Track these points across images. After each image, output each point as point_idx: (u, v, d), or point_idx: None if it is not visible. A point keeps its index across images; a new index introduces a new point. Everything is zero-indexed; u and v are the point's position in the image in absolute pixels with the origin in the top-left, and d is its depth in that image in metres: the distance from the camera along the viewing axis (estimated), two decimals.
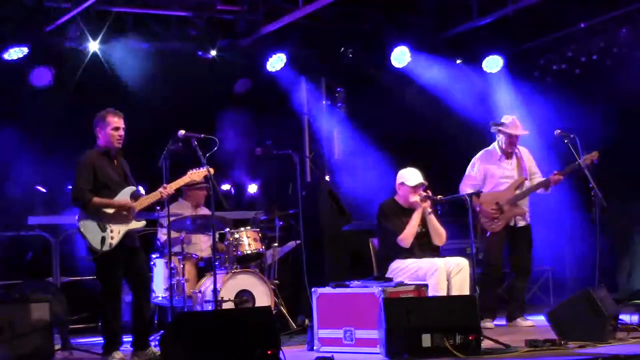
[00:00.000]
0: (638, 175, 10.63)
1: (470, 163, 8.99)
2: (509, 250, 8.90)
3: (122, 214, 7.13)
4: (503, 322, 8.83)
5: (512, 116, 8.91)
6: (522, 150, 9.00)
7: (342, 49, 10.99)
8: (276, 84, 11.22)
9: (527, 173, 8.90)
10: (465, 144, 10.26)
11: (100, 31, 9.85)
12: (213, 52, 10.57)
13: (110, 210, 7.11)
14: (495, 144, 8.96)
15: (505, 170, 8.88)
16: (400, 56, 11.29)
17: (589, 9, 10.60)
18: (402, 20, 11.11)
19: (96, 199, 7.07)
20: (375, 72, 11.63)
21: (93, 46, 9.93)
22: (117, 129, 7.21)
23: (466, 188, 8.79)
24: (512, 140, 8.82)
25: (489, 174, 8.87)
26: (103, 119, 7.24)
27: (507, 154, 8.88)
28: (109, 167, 7.22)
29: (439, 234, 8.24)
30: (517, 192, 8.80)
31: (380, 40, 11.28)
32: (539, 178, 8.92)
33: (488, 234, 8.76)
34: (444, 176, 9.15)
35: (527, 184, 8.87)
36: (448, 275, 7.93)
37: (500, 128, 8.85)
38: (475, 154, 9.03)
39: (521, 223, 8.85)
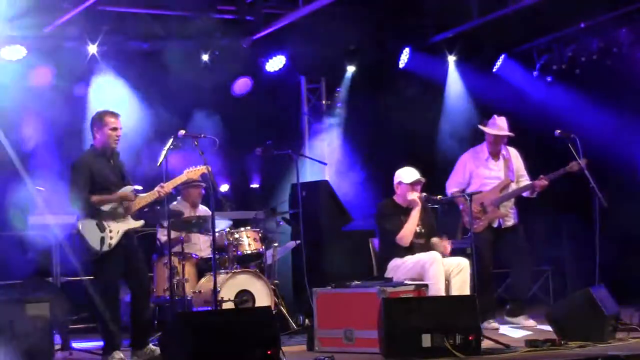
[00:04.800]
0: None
1: (458, 161, 8.99)
2: (502, 251, 8.89)
3: (121, 211, 7.12)
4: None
5: (500, 117, 8.88)
6: (511, 151, 8.98)
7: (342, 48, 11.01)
8: (276, 84, 11.22)
9: (514, 175, 8.90)
10: (465, 143, 10.27)
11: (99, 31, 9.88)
12: (213, 52, 10.58)
13: (108, 208, 7.10)
14: (484, 144, 8.96)
15: (492, 171, 8.87)
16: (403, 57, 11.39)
17: (589, 9, 10.60)
18: (402, 21, 11.13)
19: (95, 197, 7.07)
20: (376, 72, 11.65)
21: (92, 49, 9.97)
22: (115, 129, 7.20)
23: (452, 187, 8.80)
24: (495, 140, 8.81)
25: (475, 174, 8.86)
26: (100, 119, 7.23)
27: (494, 154, 8.87)
28: (105, 167, 7.21)
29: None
30: (502, 193, 8.79)
31: (381, 40, 11.29)
32: (526, 180, 8.91)
33: (469, 233, 8.73)
34: (443, 176, 9.14)
35: (513, 186, 8.86)
36: (448, 275, 7.93)
37: (483, 128, 8.85)
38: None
39: (508, 223, 8.85)
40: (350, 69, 11.72)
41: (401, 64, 11.49)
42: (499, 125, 8.81)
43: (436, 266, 7.80)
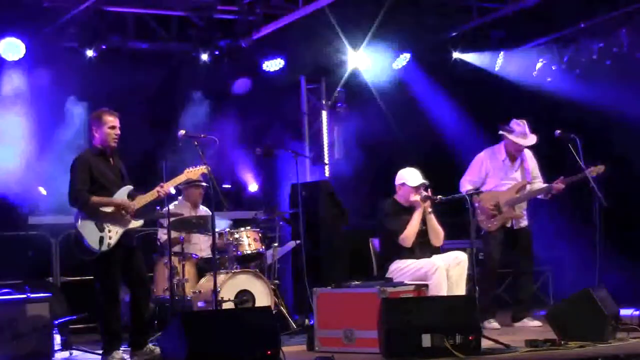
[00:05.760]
0: None
1: (474, 160, 8.95)
2: (511, 251, 8.88)
3: (121, 214, 7.12)
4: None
5: (522, 122, 8.79)
6: (526, 152, 8.96)
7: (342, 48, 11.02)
8: (276, 84, 11.22)
9: (530, 176, 8.88)
10: (465, 143, 10.28)
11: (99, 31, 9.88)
12: (213, 52, 10.57)
13: (109, 210, 7.09)
14: (501, 144, 8.92)
15: (509, 172, 8.85)
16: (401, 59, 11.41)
17: (588, 9, 10.61)
18: (402, 21, 11.12)
19: (94, 198, 7.06)
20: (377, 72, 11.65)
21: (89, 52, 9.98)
22: (113, 127, 7.19)
23: (466, 184, 8.78)
24: (519, 147, 8.79)
25: (492, 174, 8.84)
26: (99, 118, 7.22)
27: (512, 157, 8.86)
28: (104, 166, 7.21)
29: (437, 234, 8.20)
30: (518, 194, 8.77)
31: (381, 40, 11.30)
32: (540, 181, 8.90)
33: (483, 232, 8.74)
34: (444, 176, 9.13)
35: (529, 187, 8.85)
36: (447, 269, 7.89)
37: (508, 136, 8.79)
38: (479, 152, 9.02)
39: (521, 224, 8.85)
40: (351, 69, 11.71)
41: (398, 65, 11.49)
42: (526, 134, 8.73)
43: (438, 273, 7.75)
